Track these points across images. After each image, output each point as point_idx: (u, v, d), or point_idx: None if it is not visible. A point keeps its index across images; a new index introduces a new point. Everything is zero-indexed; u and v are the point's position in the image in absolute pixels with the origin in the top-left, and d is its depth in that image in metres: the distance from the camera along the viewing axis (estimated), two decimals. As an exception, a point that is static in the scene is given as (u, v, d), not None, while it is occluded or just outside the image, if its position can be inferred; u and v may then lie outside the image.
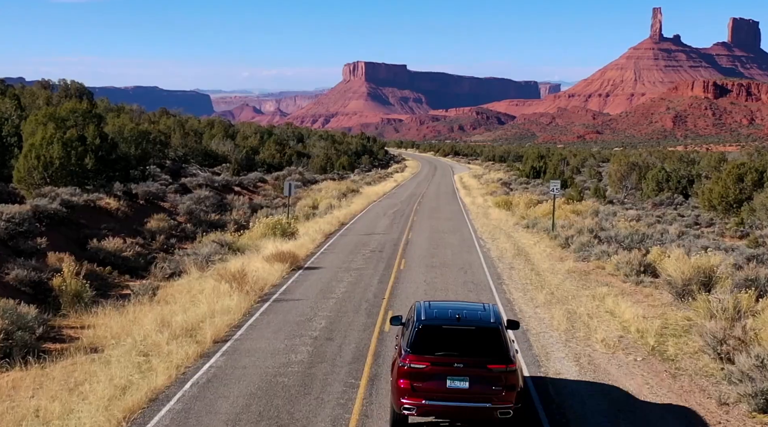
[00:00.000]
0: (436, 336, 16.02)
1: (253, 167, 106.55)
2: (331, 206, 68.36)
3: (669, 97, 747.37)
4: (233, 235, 45.06)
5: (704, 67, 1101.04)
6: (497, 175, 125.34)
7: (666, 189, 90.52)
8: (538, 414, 17.46)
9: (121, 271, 36.14)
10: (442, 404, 15.70)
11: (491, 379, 15.60)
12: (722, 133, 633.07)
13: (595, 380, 19.98)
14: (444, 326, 16.24)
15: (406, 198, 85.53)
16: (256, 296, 29.44)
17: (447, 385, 15.64)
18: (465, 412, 15.86)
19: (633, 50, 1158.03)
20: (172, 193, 60.63)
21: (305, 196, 76.70)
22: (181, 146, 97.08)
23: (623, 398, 18.66)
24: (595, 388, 19.36)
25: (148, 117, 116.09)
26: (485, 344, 15.92)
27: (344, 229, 53.83)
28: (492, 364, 15.63)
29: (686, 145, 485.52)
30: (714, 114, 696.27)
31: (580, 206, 56.68)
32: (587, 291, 31.60)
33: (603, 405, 18.15)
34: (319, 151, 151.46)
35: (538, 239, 47.94)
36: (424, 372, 15.64)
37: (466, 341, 15.97)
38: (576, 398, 18.58)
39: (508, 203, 69.58)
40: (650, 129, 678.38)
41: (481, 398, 15.61)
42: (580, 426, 16.85)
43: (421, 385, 15.63)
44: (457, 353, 15.75)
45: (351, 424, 16.61)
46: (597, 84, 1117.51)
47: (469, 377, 15.59)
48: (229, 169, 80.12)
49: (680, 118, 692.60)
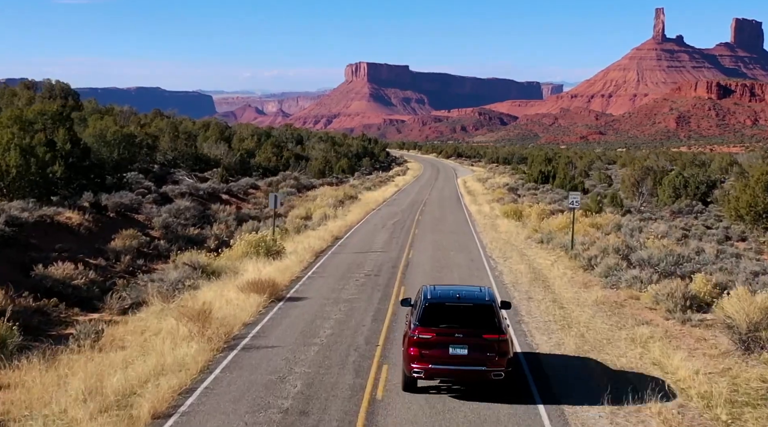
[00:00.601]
0: (440, 312, 19.35)
1: (248, 171, 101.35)
2: (325, 217, 62.84)
3: (672, 98, 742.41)
4: (209, 255, 39.52)
5: (707, 68, 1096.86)
6: (503, 179, 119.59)
7: (684, 195, 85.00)
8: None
9: (72, 302, 30.72)
10: (445, 368, 18.92)
11: (486, 346, 18.82)
12: (726, 134, 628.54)
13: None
14: (446, 304, 19.61)
15: (407, 206, 80.00)
16: (221, 342, 23.90)
17: (449, 352, 18.87)
18: (464, 374, 19.09)
19: (636, 51, 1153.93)
20: (150, 203, 55.18)
21: (299, 204, 71.14)
22: (171, 150, 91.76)
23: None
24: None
25: (137, 119, 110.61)
26: (481, 318, 19.21)
27: (337, 245, 48.20)
28: (486, 334, 18.93)
29: (690, 146, 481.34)
30: (717, 115, 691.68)
31: (600, 219, 50.98)
32: (624, 332, 26.08)
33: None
34: (318, 154, 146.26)
35: (555, 258, 42.44)
36: (430, 341, 18.91)
37: (465, 316, 19.29)
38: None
39: (518, 213, 64.03)
40: (653, 130, 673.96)
41: (478, 362, 18.80)
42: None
43: (428, 352, 18.86)
44: (457, 326, 19.08)
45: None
46: (600, 85, 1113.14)
47: (468, 345, 18.85)
48: (218, 175, 74.56)
49: (683, 119, 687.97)
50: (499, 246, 47.17)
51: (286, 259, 39.95)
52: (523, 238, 51.87)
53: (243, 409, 18.18)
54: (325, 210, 65.74)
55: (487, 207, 76.10)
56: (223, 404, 18.57)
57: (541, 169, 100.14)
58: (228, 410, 18.08)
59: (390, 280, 35.55)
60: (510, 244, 48.79)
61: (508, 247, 47.24)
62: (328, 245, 47.34)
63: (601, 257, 38.33)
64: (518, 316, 28.54)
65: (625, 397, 19.12)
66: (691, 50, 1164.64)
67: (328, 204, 71.55)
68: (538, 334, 26.04)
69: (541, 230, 53.18)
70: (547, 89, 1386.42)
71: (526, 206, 68.65)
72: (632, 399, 19.02)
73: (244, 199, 73.85)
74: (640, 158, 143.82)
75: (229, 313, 27.27)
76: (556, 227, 50.19)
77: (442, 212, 72.24)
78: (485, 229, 58.31)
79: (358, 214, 67.57)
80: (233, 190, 73.67)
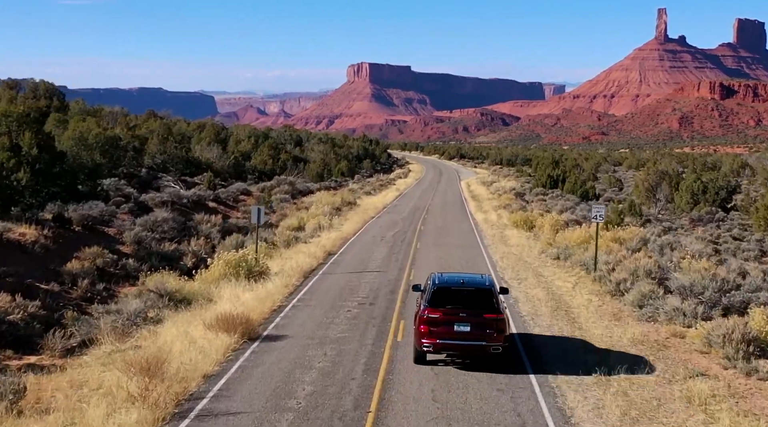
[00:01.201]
0: (447, 295, 22.80)
1: (243, 175, 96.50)
2: (319, 227, 57.72)
3: (675, 98, 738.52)
4: (181, 279, 34.42)
5: (710, 68, 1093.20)
6: (508, 183, 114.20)
7: (702, 201, 79.86)
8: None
9: (6, 342, 25.66)
10: (451, 343, 22.18)
11: (486, 324, 22.13)
12: (729, 134, 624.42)
13: None
14: (452, 288, 23.15)
15: (408, 213, 74.83)
16: (171, 407, 18.75)
17: (454, 329, 22.18)
18: (467, 348, 22.29)
19: (638, 51, 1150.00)
20: (126, 214, 50.06)
21: (292, 213, 65.94)
22: (160, 153, 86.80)
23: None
24: None
25: (125, 120, 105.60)
26: (482, 301, 22.58)
27: (330, 262, 42.94)
28: (487, 314, 22.28)
29: (693, 147, 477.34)
30: (720, 115, 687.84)
31: (623, 233, 45.59)
32: (677, 388, 20.89)
33: None
34: (318, 156, 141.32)
35: (576, 280, 37.29)
36: (438, 320, 22.20)
37: (468, 298, 22.68)
38: None
39: (529, 223, 58.88)
40: (656, 130, 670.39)
41: (479, 338, 22.07)
42: None
43: (436, 329, 22.12)
44: (461, 307, 22.46)
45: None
46: (602, 85, 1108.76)
47: (470, 323, 22.20)
48: (206, 180, 69.40)
49: (686, 120, 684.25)
50: (512, 264, 41.94)
51: (270, 282, 34.82)
52: (537, 253, 46.73)
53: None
54: (320, 219, 60.62)
55: (494, 215, 70.98)
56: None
57: (550, 173, 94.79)
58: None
59: (387, 310, 30.30)
60: (523, 261, 43.62)
61: (522, 265, 42.05)
62: (320, 263, 42.14)
63: (632, 280, 33.15)
64: (541, 367, 23.22)
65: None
66: (694, 50, 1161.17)
67: (323, 212, 66.42)
68: (570, 391, 20.76)
69: (555, 243, 48.06)
70: (549, 90, 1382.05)
71: (537, 215, 63.54)
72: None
73: (233, 206, 68.73)
74: (650, 161, 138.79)
75: (190, 359, 22.19)
76: (573, 242, 44.99)
77: (445, 221, 67.04)
78: (494, 241, 53.14)
79: (356, 223, 62.43)
80: (221, 197, 68.50)
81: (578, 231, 45.99)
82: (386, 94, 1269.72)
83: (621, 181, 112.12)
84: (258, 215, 38.15)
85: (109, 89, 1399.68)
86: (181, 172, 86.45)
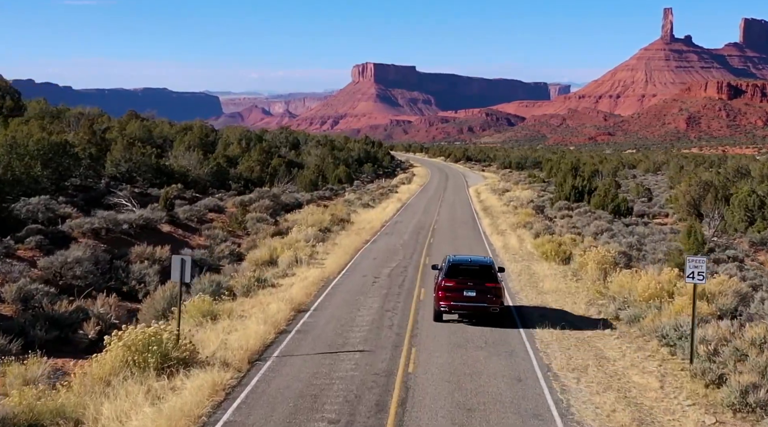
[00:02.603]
0: (458, 269, 30.87)
1: (226, 184, 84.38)
2: (296, 261, 44.97)
3: (682, 98, 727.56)
4: (37, 390, 21.68)
5: (716, 68, 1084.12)
6: (523, 192, 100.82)
7: (758, 218, 67.03)
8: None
9: None
10: (461, 304, 29.88)
11: (487, 291, 30.03)
12: (737, 135, 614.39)
13: None
14: (462, 265, 31.34)
15: (410, 235, 61.77)
16: None
17: (464, 294, 29.89)
18: (473, 308, 30.01)
19: (644, 51, 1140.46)
20: (31, 250, 37.44)
21: (263, 241, 52.79)
22: (125, 160, 74.37)
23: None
24: None
25: (87, 123, 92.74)
26: (484, 274, 30.66)
27: (295, 330, 29.37)
28: (488, 283, 30.19)
29: (701, 147, 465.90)
30: (728, 115, 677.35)
31: (713, 285, 32.27)
32: None
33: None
34: (315, 161, 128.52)
35: (662, 370, 24.50)
36: (451, 287, 29.97)
37: (474, 272, 30.78)
38: None
39: (562, 253, 46.14)
40: (663, 130, 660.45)
41: (482, 301, 29.92)
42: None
43: (450, 294, 29.86)
44: (469, 278, 30.31)
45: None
46: (607, 85, 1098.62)
47: (476, 290, 29.96)
48: (162, 197, 56.39)
49: (694, 120, 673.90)
50: (557, 335, 28.83)
51: (193, 379, 22.15)
52: (584, 306, 33.95)
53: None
54: (299, 249, 47.79)
55: (513, 238, 58.16)
56: None
57: (573, 184, 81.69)
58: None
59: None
60: (570, 324, 30.61)
61: (571, 338, 28.88)
62: (279, 332, 28.96)
63: (765, 386, 20.39)
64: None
65: None
66: (700, 50, 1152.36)
67: (306, 237, 53.55)
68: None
69: (608, 290, 35.34)
70: (555, 90, 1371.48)
71: (569, 240, 50.88)
72: None
73: (195, 229, 55.93)
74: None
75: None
76: (641, 294, 31.95)
77: (456, 248, 53.76)
78: (521, 284, 40.16)
79: (344, 253, 49.43)
80: (180, 218, 55.58)
81: (643, 279, 32.94)
82: (391, 94, 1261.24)
83: (650, 191, 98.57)
84: (181, 270, 25.14)
85: (113, 90, 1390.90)
86: (150, 182, 74.19)
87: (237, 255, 48.39)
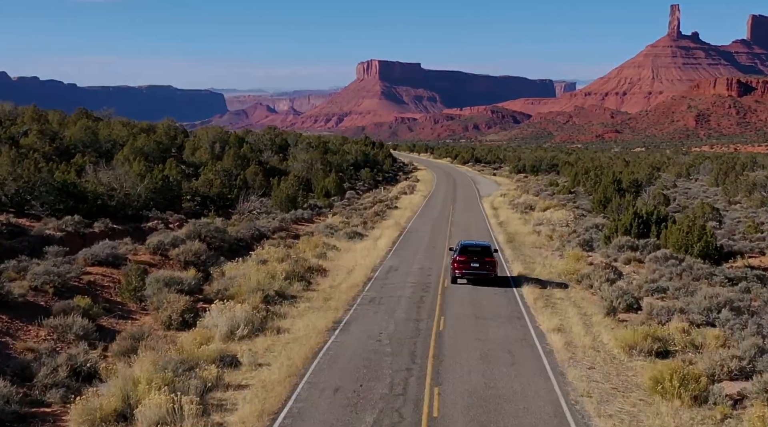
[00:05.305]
0: (468, 249, 43.93)
1: (176, 206, 63.29)
2: (216, 385, 23.01)
3: (690, 96, 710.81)
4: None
5: (723, 65, 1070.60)
6: (555, 213, 78.44)
7: None
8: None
9: None
10: (469, 272, 43.07)
11: (486, 263, 43.19)
12: (747, 132, 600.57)
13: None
14: (470, 247, 44.40)
15: (407, 302, 39.25)
16: None
17: (471, 265, 42.93)
18: (477, 275, 43.13)
19: (650, 48, 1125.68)
20: None
21: (144, 346, 29.34)
22: (12, 178, 52.31)
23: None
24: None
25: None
26: (485, 252, 43.94)
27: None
28: (487, 258, 43.43)
29: (711, 145, 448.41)
30: (738, 112, 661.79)
31: None
32: None
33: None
34: (300, 167, 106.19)
35: None
36: (462, 261, 43.04)
37: (478, 250, 43.90)
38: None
39: (657, 344, 24.47)
40: (671, 128, 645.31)
41: (483, 269, 43.04)
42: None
43: (461, 265, 43.05)
44: (475, 255, 43.40)
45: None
46: (614, 82, 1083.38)
47: (479, 263, 42.94)
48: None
49: (703, 117, 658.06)
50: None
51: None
52: None
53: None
54: (206, 370, 25.38)
55: (574, 320, 35.21)
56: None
57: (635, 210, 59.43)
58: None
59: None
60: None
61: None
62: None
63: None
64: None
65: None
66: (707, 47, 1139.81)
67: (234, 323, 31.02)
68: None
69: None
70: (560, 87, 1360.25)
71: (678, 331, 29.19)
72: None
73: (41, 311, 32.56)
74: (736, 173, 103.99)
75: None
76: None
77: (483, 352, 30.21)
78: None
79: (289, 365, 27.06)
80: (8, 294, 31.82)
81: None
82: (396, 91, 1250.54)
83: (719, 212, 75.48)
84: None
85: (118, 87, 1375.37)
86: (50, 207, 52.54)
87: (85, 374, 25.35)
